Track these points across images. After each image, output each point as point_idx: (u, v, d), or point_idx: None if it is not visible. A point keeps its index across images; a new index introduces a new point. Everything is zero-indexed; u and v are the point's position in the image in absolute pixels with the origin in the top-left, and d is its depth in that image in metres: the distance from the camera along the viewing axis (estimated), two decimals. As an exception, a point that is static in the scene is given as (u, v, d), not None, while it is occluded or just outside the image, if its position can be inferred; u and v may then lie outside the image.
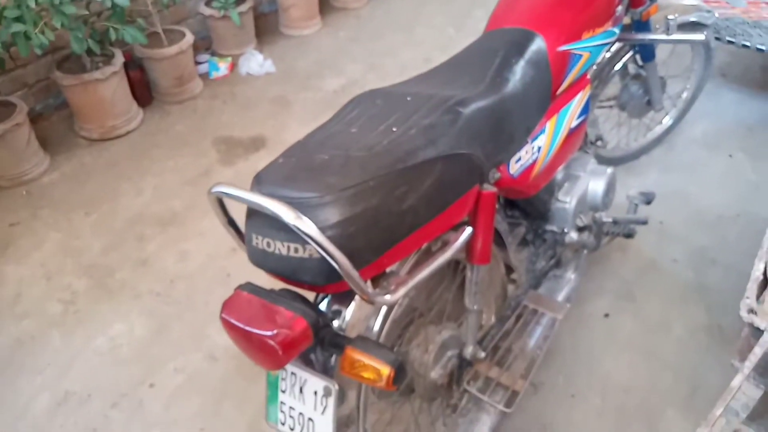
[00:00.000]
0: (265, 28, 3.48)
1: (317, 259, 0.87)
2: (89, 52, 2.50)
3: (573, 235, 1.56)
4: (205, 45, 3.26)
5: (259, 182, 0.96)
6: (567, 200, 1.54)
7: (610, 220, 1.69)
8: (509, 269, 1.49)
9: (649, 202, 1.76)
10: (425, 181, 0.98)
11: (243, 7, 3.08)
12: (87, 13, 2.48)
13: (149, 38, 2.76)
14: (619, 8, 1.56)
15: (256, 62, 3.16)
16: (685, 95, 2.39)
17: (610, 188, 1.65)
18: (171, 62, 2.84)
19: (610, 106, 2.14)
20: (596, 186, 1.62)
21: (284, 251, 0.90)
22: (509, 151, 1.23)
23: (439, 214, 1.02)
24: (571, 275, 1.68)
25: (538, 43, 1.34)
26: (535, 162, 1.33)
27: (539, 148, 1.34)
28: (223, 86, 3.08)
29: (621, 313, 1.88)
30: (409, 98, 1.12)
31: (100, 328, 1.92)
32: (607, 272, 2.00)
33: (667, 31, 1.75)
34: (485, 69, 1.25)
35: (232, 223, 1.05)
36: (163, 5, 2.84)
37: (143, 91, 2.89)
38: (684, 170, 2.42)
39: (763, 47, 2.40)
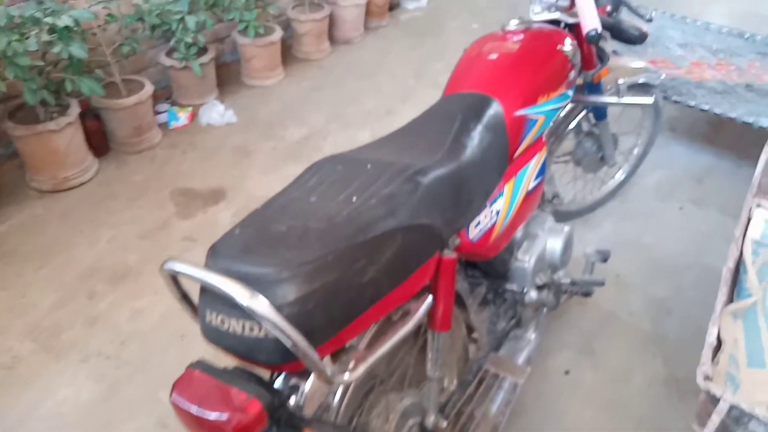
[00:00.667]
0: (227, 78, 3.48)
1: (273, 339, 0.84)
2: (43, 102, 2.45)
3: (533, 294, 1.57)
4: (164, 94, 3.23)
5: (214, 255, 0.93)
6: (526, 259, 1.56)
7: (568, 281, 1.71)
8: (470, 329, 1.48)
9: (605, 260, 1.79)
10: (385, 253, 0.97)
11: (204, 58, 3.08)
12: (42, 63, 2.43)
13: (107, 87, 2.72)
14: (572, 72, 1.62)
15: (217, 112, 3.14)
16: (636, 151, 2.48)
17: (567, 246, 1.67)
18: (129, 112, 2.80)
19: (566, 162, 2.20)
20: (554, 244, 1.64)
21: (239, 330, 0.87)
22: (468, 216, 1.24)
23: (400, 284, 1.01)
24: (531, 335, 1.68)
25: (495, 108, 1.37)
26: (494, 225, 1.34)
27: (498, 212, 1.35)
28: (182, 136, 3.05)
29: (582, 367, 1.89)
30: (369, 165, 1.12)
31: (45, 394, 1.81)
32: (566, 326, 2.01)
33: (618, 93, 1.82)
34: (443, 135, 1.27)
35: (185, 297, 1.02)
36: (122, 56, 2.81)
37: (100, 141, 2.83)
38: (638, 221, 2.48)
39: (707, 107, 2.52)
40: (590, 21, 1.41)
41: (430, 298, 1.10)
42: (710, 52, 2.90)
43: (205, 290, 0.91)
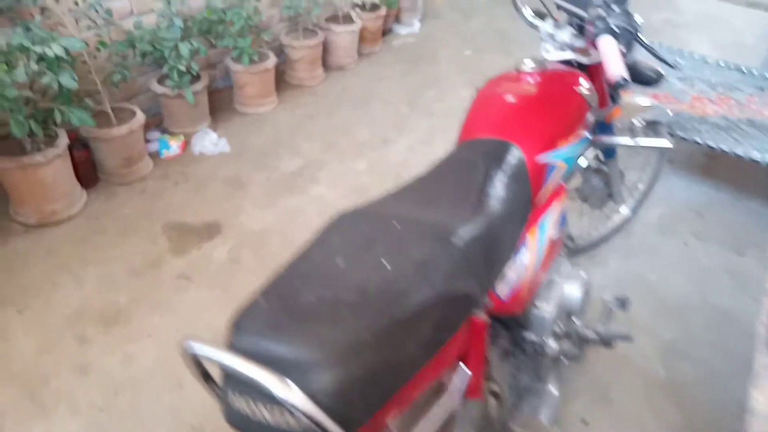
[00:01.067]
0: (220, 105, 3.40)
1: (306, 427, 0.77)
2: (30, 133, 2.34)
3: (552, 344, 1.50)
4: (155, 122, 3.14)
5: (238, 331, 0.85)
6: (544, 307, 1.50)
7: (591, 332, 1.66)
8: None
9: (624, 307, 1.74)
10: (422, 325, 0.90)
11: (197, 86, 3.00)
12: (30, 94, 2.33)
13: (96, 116, 2.62)
14: (589, 114, 1.58)
15: (209, 141, 3.06)
16: (641, 186, 2.45)
17: (585, 292, 1.62)
18: (119, 142, 2.71)
19: (572, 198, 2.16)
20: (572, 290, 1.58)
21: (268, 417, 0.79)
22: (498, 273, 1.18)
23: (434, 355, 0.94)
24: (552, 389, 1.61)
25: (517, 155, 1.32)
26: (522, 279, 1.28)
27: (524, 265, 1.29)
28: (174, 166, 2.95)
29: (598, 416, 1.82)
30: (395, 223, 1.06)
31: (30, 451, 1.70)
32: (580, 371, 1.95)
33: (632, 134, 1.79)
34: (468, 187, 1.21)
35: (208, 377, 0.93)
36: (113, 84, 2.72)
37: (88, 172, 2.73)
38: (643, 258, 2.45)
39: (713, 144, 2.51)
40: (616, 68, 1.37)
41: (463, 369, 1.03)
42: (709, 86, 2.91)
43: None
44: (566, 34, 1.65)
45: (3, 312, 2.13)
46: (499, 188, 1.22)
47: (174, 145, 3.02)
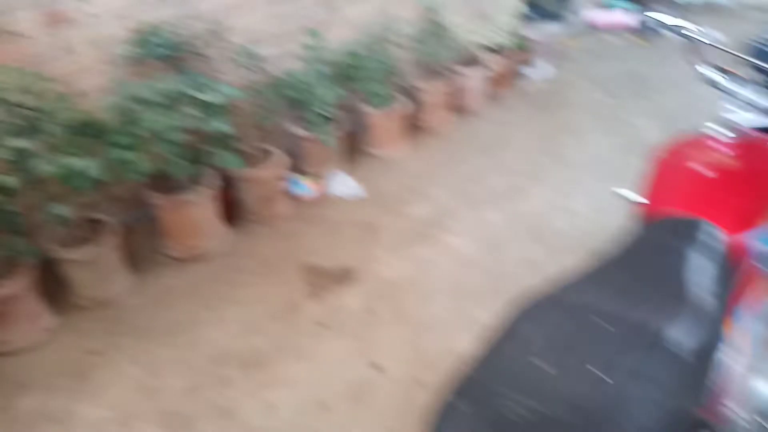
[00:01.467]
0: (353, 148, 3.43)
1: None
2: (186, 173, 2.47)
3: None
4: (292, 163, 3.21)
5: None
6: (746, 416, 1.30)
7: None
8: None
9: None
10: None
11: (334, 129, 3.06)
12: (187, 137, 2.46)
13: (240, 157, 2.72)
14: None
15: (344, 184, 3.09)
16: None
17: None
18: (261, 183, 2.79)
19: None
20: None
21: None
22: (711, 381, 1.02)
23: None
24: None
25: (717, 237, 1.17)
26: (727, 381, 1.11)
27: (727, 366, 1.12)
28: (310, 208, 3.00)
29: None
30: (594, 318, 0.95)
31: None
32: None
33: None
34: (669, 275, 1.08)
35: None
36: (260, 127, 2.83)
37: (231, 211, 2.83)
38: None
39: None
40: None
41: None
42: None
43: None
44: (758, 95, 1.46)
45: (154, 347, 2.21)
46: (702, 278, 1.08)
47: (310, 187, 3.08)
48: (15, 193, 2.02)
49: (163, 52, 2.47)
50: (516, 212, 2.93)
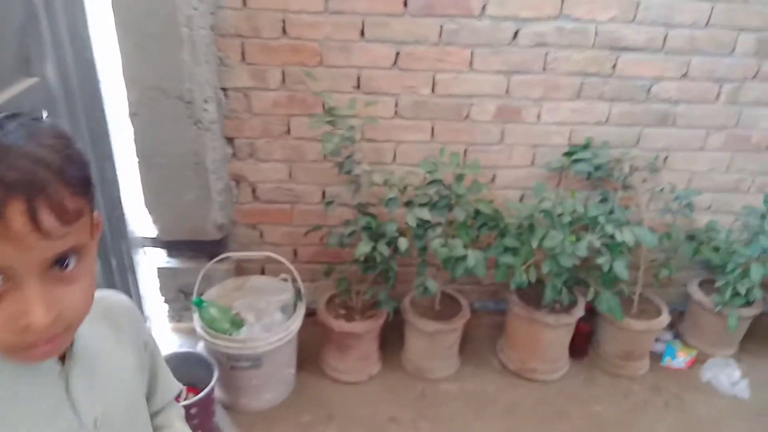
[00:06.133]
0: (752, 334, 2.72)
1: None
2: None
3: None
4: (675, 325, 2.73)
5: None
6: None
7: None
8: None
9: None
10: None
11: (746, 312, 2.47)
12: (573, 265, 2.28)
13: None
14: None
15: (726, 375, 2.49)
16: None
17: None
18: (630, 334, 2.43)
19: None
20: None
21: None
22: None
23: None
24: None
25: None
26: None
27: None
28: (671, 382, 2.50)
29: None
30: None
31: None
32: None
33: None
34: None
35: None
36: (654, 276, 2.47)
37: (581, 345, 2.56)
38: None
39: None
40: None
41: None
42: None
43: None
44: None
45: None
46: None
47: (681, 358, 2.57)
48: (402, 254, 2.17)
49: (585, 168, 2.34)
50: None
